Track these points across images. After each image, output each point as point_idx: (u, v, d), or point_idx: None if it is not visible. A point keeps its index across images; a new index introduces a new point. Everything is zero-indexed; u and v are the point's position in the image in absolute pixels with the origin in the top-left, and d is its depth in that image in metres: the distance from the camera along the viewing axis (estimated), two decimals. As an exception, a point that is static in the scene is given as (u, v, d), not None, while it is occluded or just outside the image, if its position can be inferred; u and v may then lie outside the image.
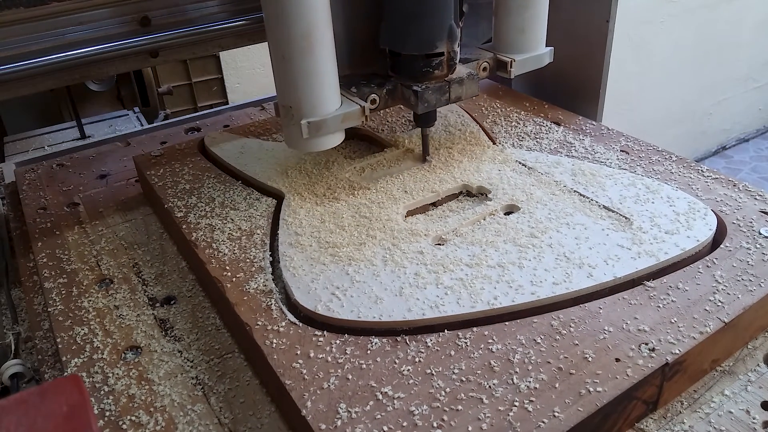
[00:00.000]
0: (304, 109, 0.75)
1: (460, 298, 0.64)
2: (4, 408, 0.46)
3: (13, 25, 0.91)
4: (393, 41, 0.82)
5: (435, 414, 0.53)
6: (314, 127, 0.75)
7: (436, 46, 0.80)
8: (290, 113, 0.76)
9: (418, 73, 0.82)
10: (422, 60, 0.81)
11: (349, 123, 0.78)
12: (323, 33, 0.72)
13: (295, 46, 0.71)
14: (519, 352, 0.59)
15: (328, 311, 0.64)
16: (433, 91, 0.82)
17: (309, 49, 0.72)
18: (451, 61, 0.82)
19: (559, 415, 0.52)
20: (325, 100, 0.76)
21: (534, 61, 0.93)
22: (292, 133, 0.77)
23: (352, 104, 0.79)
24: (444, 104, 0.84)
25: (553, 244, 0.71)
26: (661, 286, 0.65)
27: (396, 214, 0.79)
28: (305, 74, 0.73)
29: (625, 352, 0.58)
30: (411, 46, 0.81)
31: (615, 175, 0.84)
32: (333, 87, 0.76)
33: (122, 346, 0.68)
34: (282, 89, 0.75)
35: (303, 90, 0.74)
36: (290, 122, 0.76)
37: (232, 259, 0.73)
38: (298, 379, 0.57)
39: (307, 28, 0.71)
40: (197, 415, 0.60)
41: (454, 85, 0.83)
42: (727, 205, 0.78)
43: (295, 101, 0.75)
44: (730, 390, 0.61)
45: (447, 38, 0.80)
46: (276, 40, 0.72)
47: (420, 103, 0.81)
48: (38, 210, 0.95)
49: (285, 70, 0.74)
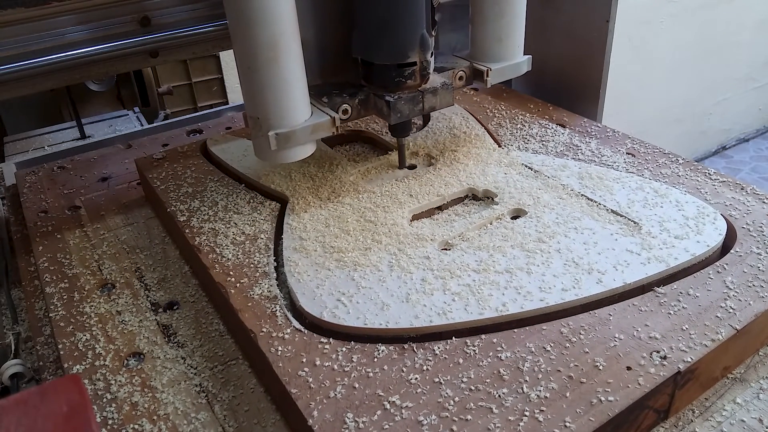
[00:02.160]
0: (272, 121, 0.73)
1: (468, 305, 0.63)
2: (4, 408, 0.45)
3: (13, 25, 0.90)
4: (365, 50, 0.80)
5: (444, 424, 0.52)
6: (283, 138, 0.73)
7: (408, 56, 0.78)
8: (258, 124, 0.73)
9: (390, 82, 0.80)
10: (394, 70, 0.79)
11: (320, 134, 0.76)
12: (290, 42, 0.70)
13: (261, 56, 0.69)
14: (528, 360, 0.58)
15: (334, 318, 0.63)
16: (406, 102, 0.79)
17: (275, 59, 0.69)
18: (424, 70, 0.80)
19: (570, 425, 0.51)
20: (293, 111, 0.73)
21: (511, 69, 0.91)
22: (261, 144, 0.75)
23: (323, 115, 0.76)
24: (417, 114, 0.82)
25: (561, 250, 0.70)
26: (671, 292, 0.64)
27: (401, 219, 0.78)
28: (272, 85, 0.71)
29: (637, 360, 0.57)
30: (383, 56, 0.79)
31: (622, 179, 0.83)
32: (301, 97, 0.74)
33: (125, 352, 0.67)
34: (249, 100, 0.73)
35: (270, 101, 0.72)
36: (258, 133, 0.74)
37: (235, 264, 0.72)
38: (304, 387, 0.56)
39: (273, 37, 0.68)
40: (201, 424, 0.59)
41: (428, 95, 0.81)
42: (736, 209, 0.77)
43: (263, 112, 0.73)
44: (742, 398, 0.60)
45: (419, 48, 0.78)
46: (241, 50, 0.70)
47: (392, 114, 0.79)
48: (39, 213, 0.94)
49: (251, 81, 0.71)
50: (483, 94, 1.17)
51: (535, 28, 1.27)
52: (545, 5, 1.24)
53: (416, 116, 0.83)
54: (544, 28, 1.26)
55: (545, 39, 1.26)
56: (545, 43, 1.26)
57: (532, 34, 1.27)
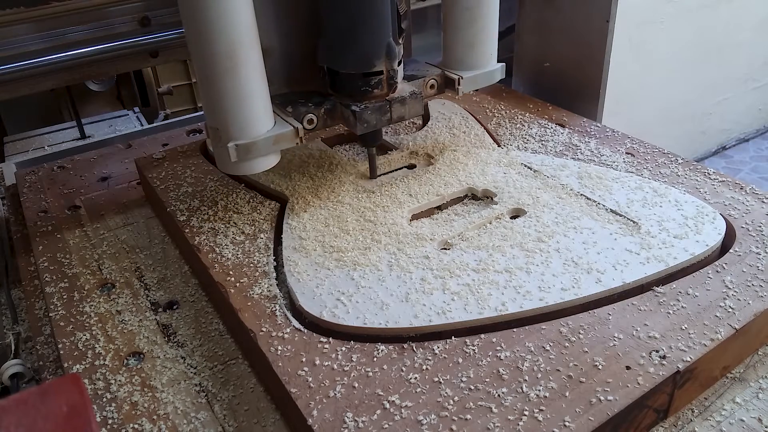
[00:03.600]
0: (232, 131, 0.71)
1: (468, 304, 0.63)
2: (4, 408, 0.45)
3: (13, 25, 0.90)
4: (330, 59, 0.78)
5: (443, 423, 0.52)
6: (243, 149, 0.71)
7: (374, 65, 0.76)
8: (218, 135, 0.71)
9: (356, 92, 0.78)
10: (360, 79, 0.77)
11: (283, 145, 0.74)
12: (248, 52, 0.68)
13: (218, 65, 0.67)
14: (528, 359, 0.58)
15: (333, 317, 0.63)
16: (373, 111, 0.77)
17: (233, 69, 0.67)
18: (391, 79, 0.78)
19: (569, 424, 0.51)
20: (253, 122, 0.71)
21: (484, 77, 0.88)
22: (222, 155, 0.73)
23: (286, 125, 0.74)
24: (385, 124, 0.80)
25: (560, 249, 0.70)
26: (670, 291, 0.64)
27: (401, 218, 0.78)
28: (230, 95, 0.69)
29: (636, 359, 0.57)
30: (348, 65, 0.77)
31: (622, 179, 0.83)
32: (262, 108, 0.72)
33: (124, 352, 0.68)
34: (208, 110, 0.71)
35: (229, 112, 0.70)
36: (218, 144, 0.72)
37: (235, 264, 0.72)
38: (304, 386, 0.56)
39: (231, 46, 0.66)
40: (201, 423, 0.59)
41: (396, 105, 0.78)
42: (735, 208, 0.77)
43: (222, 123, 0.70)
44: (741, 397, 0.60)
45: (385, 56, 0.76)
46: (198, 59, 0.68)
47: (359, 124, 0.77)
48: (39, 213, 0.94)
49: (209, 91, 0.69)
50: (482, 94, 1.17)
51: (535, 28, 1.27)
52: (545, 5, 1.24)
53: (383, 126, 0.81)
54: (544, 28, 1.26)
55: (545, 39, 1.26)
56: (545, 43, 1.26)
57: (532, 34, 1.28)
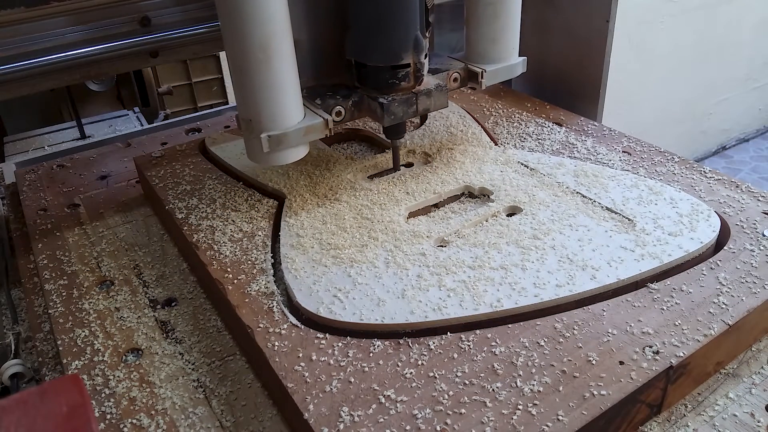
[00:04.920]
0: (264, 123, 0.72)
1: (463, 301, 0.64)
2: (4, 408, 0.45)
3: (13, 25, 0.91)
4: (358, 52, 0.80)
5: (438, 417, 0.53)
6: (275, 140, 0.73)
7: (401, 58, 0.78)
8: (250, 126, 0.73)
9: (384, 84, 0.79)
10: (388, 71, 0.78)
11: (312, 136, 0.76)
12: (282, 44, 0.69)
13: (252, 57, 0.68)
14: (522, 354, 0.58)
15: (330, 314, 0.64)
16: (400, 104, 0.79)
17: (267, 61, 0.69)
18: (418, 72, 0.80)
19: (563, 418, 0.52)
20: (285, 113, 0.73)
21: (506, 71, 0.90)
22: (253, 146, 0.74)
23: (316, 117, 0.76)
24: (411, 116, 0.81)
25: (556, 246, 0.71)
26: (664, 288, 0.65)
27: (398, 216, 0.79)
28: (264, 87, 0.70)
29: (629, 355, 0.57)
30: (376, 58, 0.78)
31: (618, 177, 0.83)
32: (294, 99, 0.74)
33: (123, 348, 0.68)
34: (241, 102, 0.73)
35: (262, 103, 0.71)
36: (250, 136, 0.74)
37: (233, 261, 0.73)
38: (300, 382, 0.57)
39: (265, 38, 0.68)
40: (199, 418, 0.60)
41: (422, 97, 0.80)
42: (730, 206, 0.78)
43: (255, 114, 0.72)
44: (735, 393, 0.60)
45: (413, 49, 0.78)
46: (232, 51, 0.70)
47: (386, 116, 0.79)
48: (38, 211, 0.95)
49: (243, 83, 0.71)
50: (480, 93, 1.17)
51: (535, 28, 1.28)
52: (545, 5, 1.24)
53: (410, 118, 0.82)
54: (544, 28, 1.26)
55: (545, 39, 1.26)
56: (545, 43, 1.27)
57: (532, 34, 1.28)
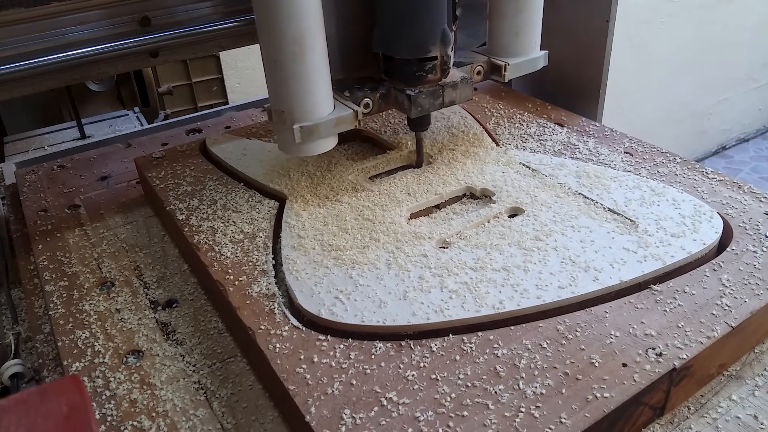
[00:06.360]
0: (297, 114, 0.74)
1: (465, 302, 0.64)
2: (4, 408, 0.45)
3: (13, 25, 0.90)
4: (386, 45, 0.82)
5: (440, 420, 0.53)
6: (306, 131, 0.75)
7: (429, 51, 0.80)
8: (282, 118, 0.75)
9: (411, 77, 0.81)
10: (415, 64, 0.80)
11: (342, 127, 0.78)
12: (315, 37, 0.72)
13: (286, 50, 0.71)
14: (525, 357, 0.58)
15: (331, 315, 0.63)
16: (427, 96, 0.81)
17: (301, 53, 0.71)
18: (444, 65, 0.82)
19: (566, 421, 0.52)
20: (317, 105, 0.75)
21: (528, 64, 0.92)
22: (285, 137, 0.76)
23: (345, 108, 0.78)
24: (437, 108, 0.83)
25: (558, 248, 0.70)
26: (667, 290, 0.65)
27: (399, 217, 0.78)
28: (297, 79, 0.73)
29: (632, 357, 0.57)
30: (404, 51, 0.80)
31: (620, 178, 0.83)
32: (325, 91, 0.76)
33: (124, 350, 0.68)
34: (274, 94, 0.75)
35: (295, 95, 0.73)
36: (283, 127, 0.76)
37: (234, 262, 0.73)
38: (302, 384, 0.57)
39: (299, 32, 0.70)
40: (200, 420, 0.60)
41: (448, 89, 0.82)
42: (732, 207, 0.77)
43: (288, 106, 0.74)
44: (738, 395, 0.60)
45: (440, 42, 0.79)
46: (267, 44, 0.72)
47: (413, 108, 0.81)
48: (39, 212, 0.95)
49: (277, 75, 0.73)
50: (481, 93, 1.17)
51: (534, 28, 1.27)
52: (545, 5, 1.24)
53: (436, 110, 0.84)
54: (544, 28, 1.26)
55: (545, 39, 1.26)
56: (545, 43, 1.26)
57: (531, 33, 1.28)
